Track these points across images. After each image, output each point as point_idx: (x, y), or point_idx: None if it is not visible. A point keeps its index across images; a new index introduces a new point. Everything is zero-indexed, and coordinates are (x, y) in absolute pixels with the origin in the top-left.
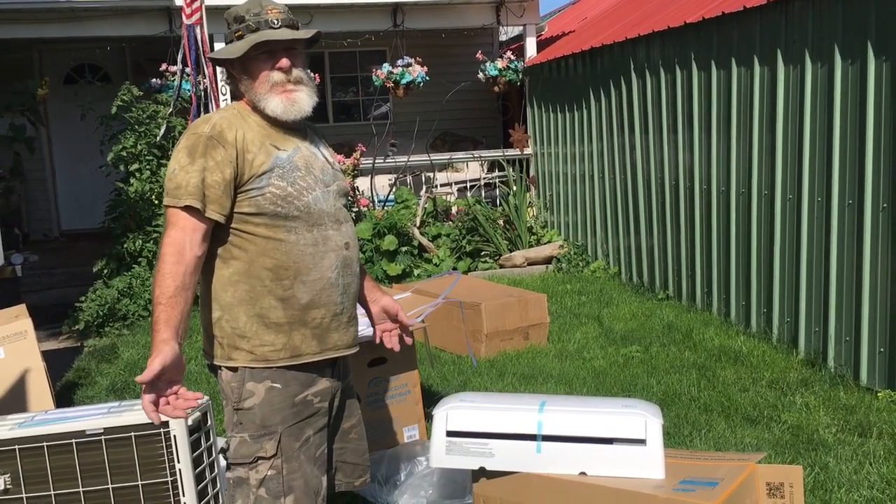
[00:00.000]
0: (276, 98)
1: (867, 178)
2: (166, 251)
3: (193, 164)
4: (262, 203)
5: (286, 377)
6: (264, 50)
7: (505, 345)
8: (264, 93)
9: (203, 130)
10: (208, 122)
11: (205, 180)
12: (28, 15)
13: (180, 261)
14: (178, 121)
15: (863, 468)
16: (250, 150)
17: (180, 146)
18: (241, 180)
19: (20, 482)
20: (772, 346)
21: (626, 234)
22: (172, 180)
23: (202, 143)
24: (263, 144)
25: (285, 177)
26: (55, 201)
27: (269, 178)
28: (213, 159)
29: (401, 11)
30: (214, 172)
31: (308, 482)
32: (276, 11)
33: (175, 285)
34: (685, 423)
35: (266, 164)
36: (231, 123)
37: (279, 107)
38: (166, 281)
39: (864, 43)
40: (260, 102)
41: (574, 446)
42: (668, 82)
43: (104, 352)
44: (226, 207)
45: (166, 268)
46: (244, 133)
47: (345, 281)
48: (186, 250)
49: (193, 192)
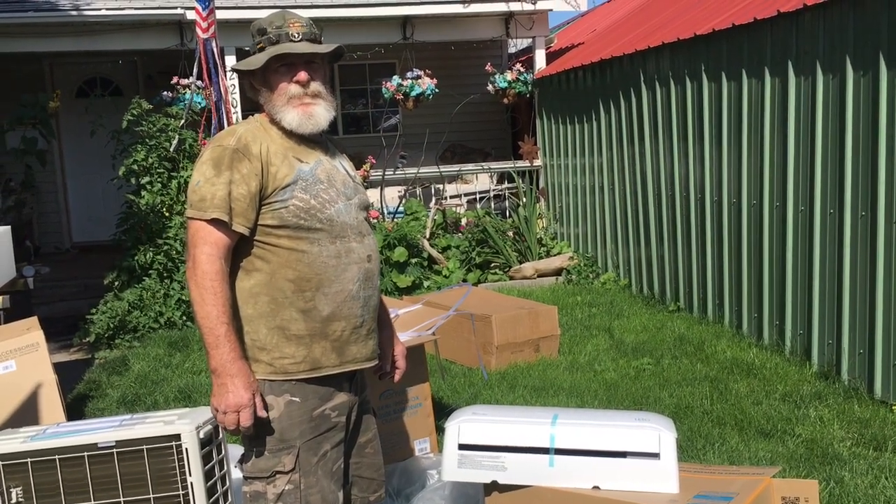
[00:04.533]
0: (293, 111)
1: (880, 190)
2: (208, 269)
3: (220, 177)
4: (285, 215)
5: (305, 391)
6: (283, 63)
7: (516, 357)
8: (281, 105)
9: (229, 143)
10: (233, 134)
11: (231, 193)
12: (40, 29)
13: (225, 278)
14: (189, 133)
15: (878, 483)
16: (273, 162)
17: (204, 158)
18: (266, 193)
19: (32, 495)
20: (785, 358)
21: (637, 245)
22: (197, 192)
23: (228, 155)
24: (286, 157)
25: (308, 189)
26: (66, 214)
27: (293, 191)
28: (238, 172)
29: (410, 24)
30: (240, 185)
31: (325, 497)
32: (298, 25)
33: (227, 304)
34: (698, 437)
35: (289, 176)
36: (255, 136)
37: (295, 119)
38: (219, 301)
39: (876, 54)
40: (277, 114)
41: (587, 460)
42: (679, 94)
43: (115, 364)
44: (251, 220)
45: (217, 286)
46: (268, 146)
47: (366, 294)
48: (223, 265)
49: (220, 204)
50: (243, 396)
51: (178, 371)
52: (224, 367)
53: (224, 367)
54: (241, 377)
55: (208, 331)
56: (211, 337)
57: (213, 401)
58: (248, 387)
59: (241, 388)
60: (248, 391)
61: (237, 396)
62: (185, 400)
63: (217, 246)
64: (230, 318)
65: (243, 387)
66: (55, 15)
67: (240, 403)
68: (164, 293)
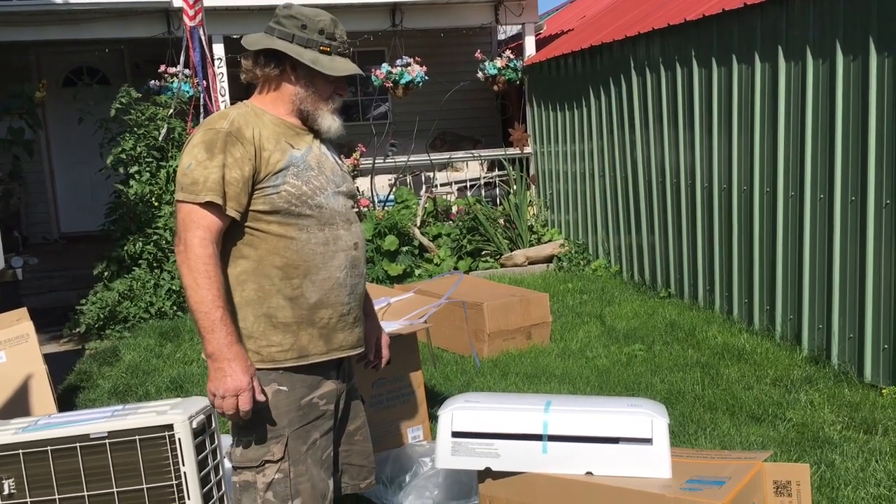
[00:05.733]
0: (331, 117)
1: (870, 175)
2: (201, 252)
3: (212, 160)
4: (276, 201)
5: (292, 380)
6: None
7: (507, 344)
8: (326, 111)
9: (221, 126)
10: (226, 118)
11: (225, 177)
12: (26, 17)
13: (218, 262)
14: (177, 122)
15: (869, 465)
16: (266, 147)
17: (195, 141)
18: (258, 178)
19: (24, 487)
20: (775, 343)
21: (628, 232)
22: (188, 175)
23: (221, 138)
24: (279, 142)
25: (300, 175)
26: (54, 204)
27: (285, 177)
28: (231, 156)
29: (399, 11)
30: (234, 169)
31: (315, 485)
32: (347, 41)
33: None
34: (690, 422)
35: (282, 161)
36: (248, 121)
37: (333, 126)
38: (213, 285)
39: (866, 38)
40: (313, 114)
41: (580, 446)
42: (669, 80)
43: (105, 354)
44: (243, 205)
45: (210, 270)
46: (260, 131)
47: (352, 281)
48: (216, 250)
49: (214, 187)
50: (242, 380)
51: (170, 361)
52: (221, 352)
53: (221, 351)
54: (238, 361)
55: (203, 315)
56: (206, 321)
57: (210, 385)
58: (247, 370)
59: (239, 371)
60: (246, 374)
61: (236, 380)
62: (176, 390)
63: (210, 230)
64: (225, 301)
65: (241, 370)
66: (41, 3)
67: (238, 387)
68: (155, 283)
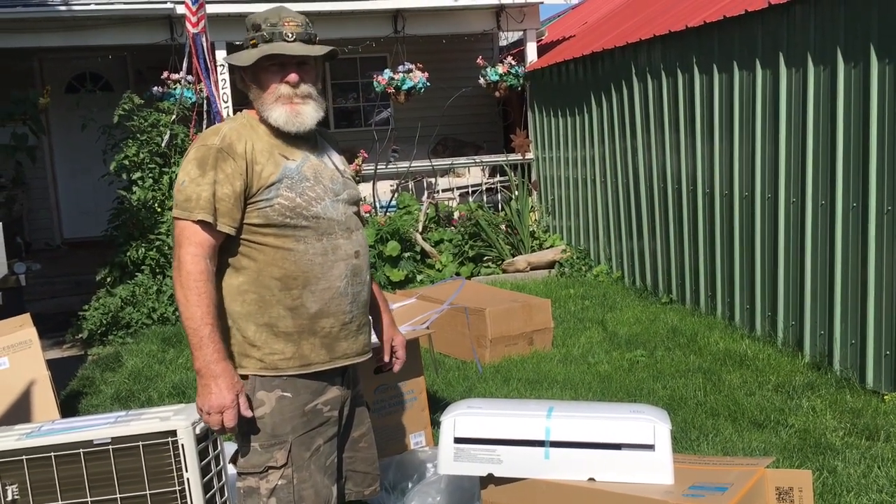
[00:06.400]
0: (280, 108)
1: (871, 181)
2: (192, 269)
3: (204, 177)
4: (270, 214)
5: (296, 386)
6: (275, 62)
7: (509, 350)
8: (270, 103)
9: (213, 142)
10: (218, 133)
11: (216, 193)
12: (29, 24)
13: (210, 278)
14: (180, 128)
15: (871, 472)
16: (259, 161)
17: (189, 157)
18: (251, 192)
19: (28, 493)
20: (777, 349)
21: (629, 238)
22: (182, 192)
23: (212, 155)
24: (272, 154)
25: (294, 188)
26: (57, 210)
27: (278, 190)
28: (223, 172)
29: (401, 18)
30: (224, 185)
31: (318, 492)
32: (293, 24)
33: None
34: (692, 428)
35: (275, 174)
36: (241, 135)
37: (282, 117)
38: (203, 302)
39: (867, 45)
40: (265, 112)
41: (582, 452)
42: (670, 86)
43: (108, 360)
44: (236, 220)
45: (201, 286)
46: (253, 144)
47: (354, 290)
48: (209, 265)
49: (205, 205)
50: (226, 398)
51: (172, 367)
52: (208, 368)
53: (208, 367)
54: (224, 378)
55: (192, 331)
56: (195, 338)
57: (197, 401)
58: (232, 388)
59: (223, 389)
60: (230, 392)
61: (220, 398)
62: (179, 396)
63: (202, 246)
64: (215, 318)
65: (226, 388)
66: (45, 10)
67: (222, 405)
68: (157, 289)
